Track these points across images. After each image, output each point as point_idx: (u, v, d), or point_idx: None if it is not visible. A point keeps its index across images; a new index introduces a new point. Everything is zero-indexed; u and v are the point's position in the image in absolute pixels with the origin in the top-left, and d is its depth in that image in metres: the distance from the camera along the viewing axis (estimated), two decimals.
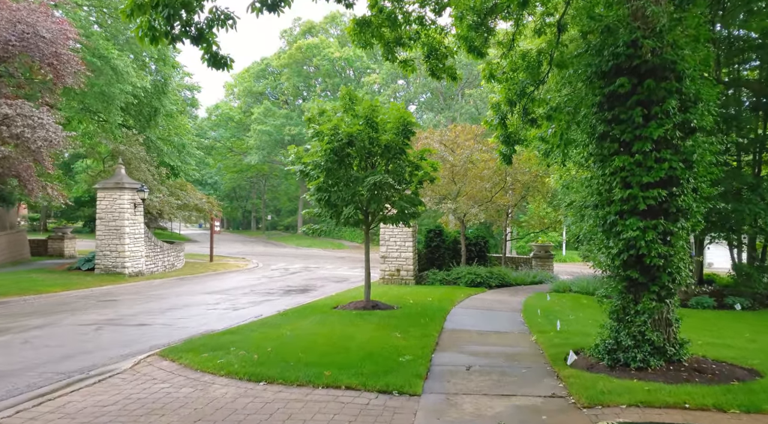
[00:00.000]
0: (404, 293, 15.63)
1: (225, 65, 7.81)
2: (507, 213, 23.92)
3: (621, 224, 6.50)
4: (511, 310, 13.08)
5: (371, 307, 12.14)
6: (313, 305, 13.25)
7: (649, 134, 6.21)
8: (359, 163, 12.25)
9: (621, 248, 6.52)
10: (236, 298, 15.52)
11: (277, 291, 17.41)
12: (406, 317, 11.04)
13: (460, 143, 21.04)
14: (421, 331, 9.44)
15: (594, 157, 6.83)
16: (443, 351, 8.22)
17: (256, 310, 12.99)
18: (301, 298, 15.69)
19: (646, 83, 6.19)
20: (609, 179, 6.61)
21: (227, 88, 63.84)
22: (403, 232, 19.01)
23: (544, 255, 24.31)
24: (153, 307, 13.45)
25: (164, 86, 24.05)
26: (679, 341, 6.73)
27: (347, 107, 12.02)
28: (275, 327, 9.67)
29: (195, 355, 7.35)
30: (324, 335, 8.78)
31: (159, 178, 24.29)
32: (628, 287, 6.78)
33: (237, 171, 59.08)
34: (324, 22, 56.73)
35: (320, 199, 11.67)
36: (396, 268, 19.14)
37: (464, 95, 44.32)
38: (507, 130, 13.35)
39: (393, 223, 12.72)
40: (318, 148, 11.58)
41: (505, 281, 19.35)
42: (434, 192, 20.91)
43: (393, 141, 11.59)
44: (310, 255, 38.04)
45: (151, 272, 22.43)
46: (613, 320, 6.94)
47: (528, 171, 20.85)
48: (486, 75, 13.07)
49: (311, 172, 11.68)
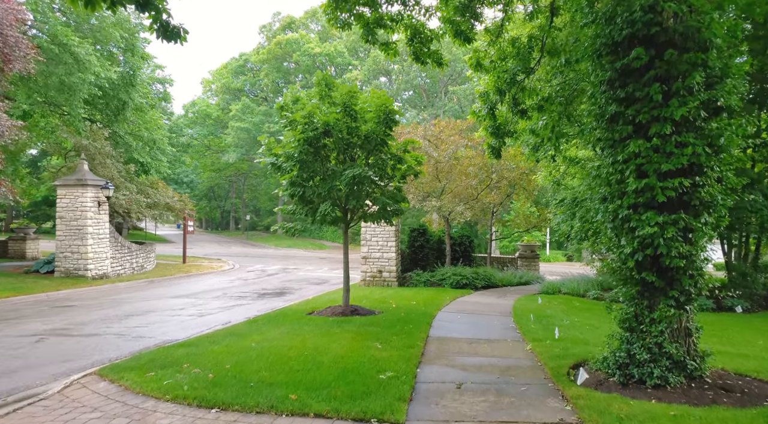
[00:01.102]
0: (387, 296, 14.65)
1: (177, 37, 6.72)
2: (492, 212, 23.13)
3: (635, 220, 5.60)
4: (501, 314, 12.20)
5: (350, 312, 11.13)
6: (287, 310, 12.19)
7: (670, 115, 5.32)
8: (337, 156, 11.23)
9: (635, 247, 5.62)
10: (205, 302, 14.37)
11: (251, 294, 16.29)
12: (388, 323, 10.05)
13: (444, 139, 20.15)
14: (404, 340, 8.46)
15: (603, 143, 5.93)
16: (430, 364, 7.26)
17: (224, 316, 11.88)
18: (276, 302, 14.61)
19: (667, 54, 5.30)
20: (621, 167, 5.71)
21: (204, 85, 62.10)
22: (386, 231, 18.04)
23: (530, 255, 23.57)
24: (110, 314, 12.24)
25: (132, 78, 22.62)
26: (700, 354, 5.87)
27: (323, 94, 11.00)
28: (241, 337, 8.60)
29: (139, 374, 6.26)
30: (294, 348, 7.75)
31: (127, 175, 22.88)
32: (641, 292, 5.89)
33: (215, 170, 57.44)
34: (304, 17, 55.44)
35: (293, 195, 10.62)
36: (378, 269, 18.16)
37: (447, 92, 43.50)
38: (496, 121, 12.49)
39: (374, 221, 11.73)
40: (291, 138, 10.53)
41: (492, 282, 18.52)
42: (418, 189, 19.99)
43: (374, 131, 10.60)
44: (290, 256, 36.87)
45: (118, 274, 21.08)
46: (624, 330, 6.06)
47: (515, 167, 20.04)
48: (473, 63, 12.15)
49: (283, 164, 10.62)
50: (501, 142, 12.54)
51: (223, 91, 58.08)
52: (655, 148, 5.46)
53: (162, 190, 25.98)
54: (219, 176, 58.57)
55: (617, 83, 5.75)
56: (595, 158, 6.37)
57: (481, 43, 12.59)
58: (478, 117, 12.49)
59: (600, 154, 6.12)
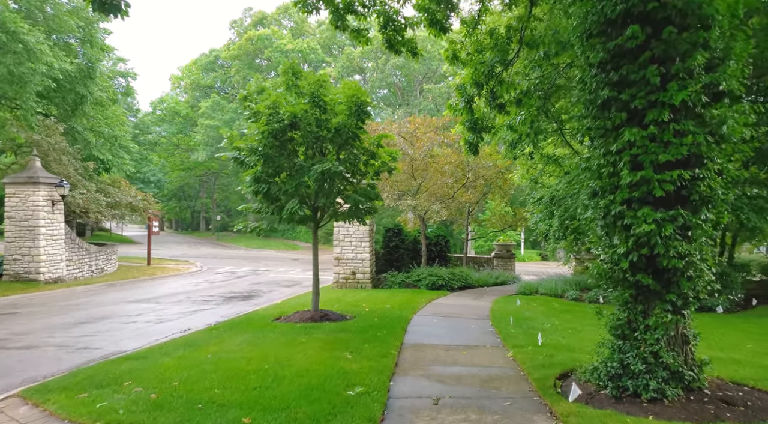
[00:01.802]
0: (360, 299, 13.97)
1: (117, 10, 5.95)
2: (468, 211, 22.69)
3: (630, 216, 5.07)
4: (478, 317, 11.65)
5: (320, 318, 10.41)
6: (253, 315, 11.40)
7: (669, 100, 4.79)
8: (306, 151, 10.51)
9: (630, 247, 5.09)
10: (166, 307, 13.44)
11: (217, 298, 15.39)
12: (360, 330, 9.38)
13: (419, 136, 19.58)
14: (376, 348, 7.79)
15: (594, 131, 5.37)
16: (404, 375, 6.62)
17: (184, 323, 11.02)
18: (243, 306, 13.78)
19: (665, 32, 4.76)
20: (614, 159, 5.17)
21: (173, 81, 60.21)
22: (360, 231, 17.37)
23: (506, 255, 23.22)
24: (58, 321, 11.24)
25: (91, 71, 21.33)
26: (698, 362, 5.37)
27: (290, 84, 10.26)
28: (196, 348, 7.81)
29: (70, 396, 5.43)
30: (254, 360, 7.00)
31: (85, 173, 21.61)
32: (635, 296, 5.37)
33: (184, 169, 55.67)
34: (276, 13, 54.22)
35: (257, 192, 9.85)
36: (351, 270, 17.47)
37: (423, 91, 43.05)
38: (473, 115, 11.95)
39: (346, 220, 11.04)
40: (255, 131, 9.76)
41: (468, 282, 18.04)
42: (393, 188, 19.37)
43: (345, 124, 9.91)
44: (261, 257, 35.84)
45: (75, 278, 19.85)
46: (616, 338, 5.52)
47: (491, 165, 19.61)
48: (449, 56, 11.59)
49: (246, 159, 9.85)
50: (478, 137, 12.02)
51: (193, 88, 56.39)
52: (652, 137, 4.93)
53: (125, 189, 24.75)
54: (189, 176, 56.84)
55: (609, 66, 5.20)
56: (574, 155, 5.81)
57: (458, 36, 12.07)
58: (455, 111, 11.95)
59: (590, 145, 5.57)
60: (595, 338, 9.03)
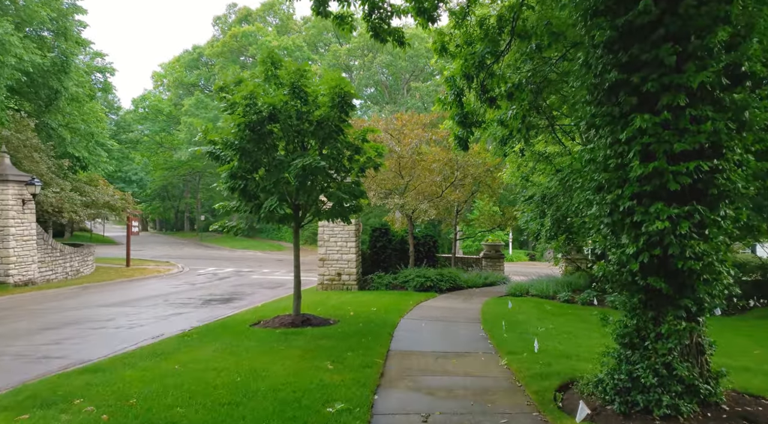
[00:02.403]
0: (345, 302, 13.37)
1: None
2: (457, 210, 22.20)
3: (641, 212, 4.55)
4: (469, 320, 11.13)
5: (301, 323, 9.80)
6: (230, 320, 10.75)
7: (685, 82, 4.29)
8: (286, 146, 9.90)
9: (640, 247, 4.57)
10: (140, 311, 12.72)
11: (196, 301, 14.69)
12: (343, 336, 8.79)
13: (407, 133, 19.02)
14: (361, 357, 7.21)
15: (600, 119, 4.85)
16: (390, 388, 6.05)
17: (157, 328, 10.34)
18: (222, 310, 13.13)
19: (682, 6, 4.25)
20: (622, 149, 4.65)
21: (156, 79, 58.93)
22: (345, 231, 16.78)
23: (495, 255, 22.79)
24: (21, 327, 10.50)
25: (65, 64, 20.45)
26: (714, 374, 4.88)
27: (269, 74, 9.65)
28: (165, 358, 7.16)
29: (9, 417, 4.77)
30: (227, 371, 6.38)
31: (59, 171, 20.72)
32: (645, 301, 4.85)
33: (167, 168, 54.45)
34: (261, 9, 53.27)
35: (234, 189, 9.22)
36: (337, 272, 16.86)
37: (410, 89, 42.54)
38: (463, 109, 11.44)
39: (329, 218, 10.45)
40: (231, 123, 9.12)
41: (457, 283, 17.53)
42: (380, 186, 18.79)
43: (327, 116, 9.31)
44: (246, 258, 35.06)
45: (47, 280, 18.98)
46: (624, 347, 5.00)
47: (480, 163, 19.12)
48: (437, 47, 11.08)
49: (222, 154, 9.21)
50: (468, 132, 11.52)
51: (176, 86, 55.22)
52: (665, 124, 4.42)
53: (102, 187, 23.85)
54: (172, 175, 55.63)
55: (617, 46, 4.68)
56: (565, 152, 5.27)
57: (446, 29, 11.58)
58: (444, 105, 11.43)
59: (594, 135, 5.04)
60: (593, 343, 8.58)
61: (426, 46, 38.74)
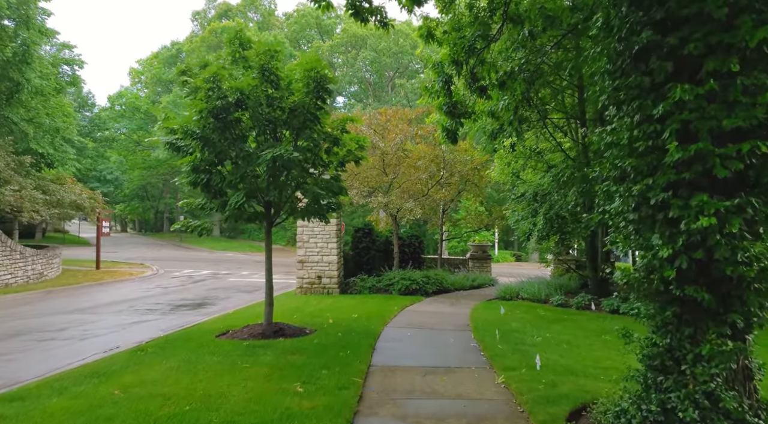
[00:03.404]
0: (324, 308, 12.39)
1: None
2: (443, 210, 21.34)
3: (678, 206, 3.67)
4: (458, 328, 10.23)
5: (272, 333, 8.80)
6: (196, 330, 9.69)
7: (739, 41, 3.41)
8: (257, 136, 8.89)
9: (678, 248, 3.69)
10: (100, 319, 11.59)
11: (164, 307, 13.57)
12: (319, 349, 7.81)
13: (391, 129, 18.09)
14: (337, 376, 6.24)
15: (624, 92, 3.96)
16: (370, 415, 5.10)
17: (113, 339, 9.24)
18: (191, 316, 12.06)
19: None
20: (654, 128, 3.76)
21: (133, 76, 57.11)
22: (326, 231, 15.78)
23: (482, 256, 21.97)
24: None
25: (26, 55, 19.12)
26: (764, 404, 4.01)
27: (237, 56, 8.64)
28: (106, 379, 6.11)
29: None
30: (176, 397, 5.36)
31: (20, 168, 19.36)
32: (680, 315, 3.97)
33: (146, 167, 52.71)
34: (242, 5, 51.88)
35: (196, 184, 8.18)
36: (317, 275, 15.85)
37: (395, 87, 41.63)
38: (452, 98, 10.55)
39: (305, 217, 9.46)
40: (193, 110, 8.08)
41: (443, 286, 16.65)
42: (363, 184, 17.82)
43: (301, 103, 8.33)
44: (224, 259, 33.83)
45: (6, 284, 17.67)
46: (653, 370, 4.12)
47: (468, 159, 18.27)
48: (423, 33, 10.20)
49: (182, 144, 8.17)
50: (457, 123, 10.64)
51: (154, 83, 53.52)
52: (711, 96, 3.55)
53: (70, 186, 22.50)
54: (151, 174, 53.85)
55: (646, 1, 3.79)
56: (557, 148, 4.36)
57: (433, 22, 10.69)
58: (431, 93, 10.52)
59: (617, 114, 4.15)
60: (597, 356, 7.72)
61: (411, 41, 37.90)
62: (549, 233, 13.16)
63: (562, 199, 11.65)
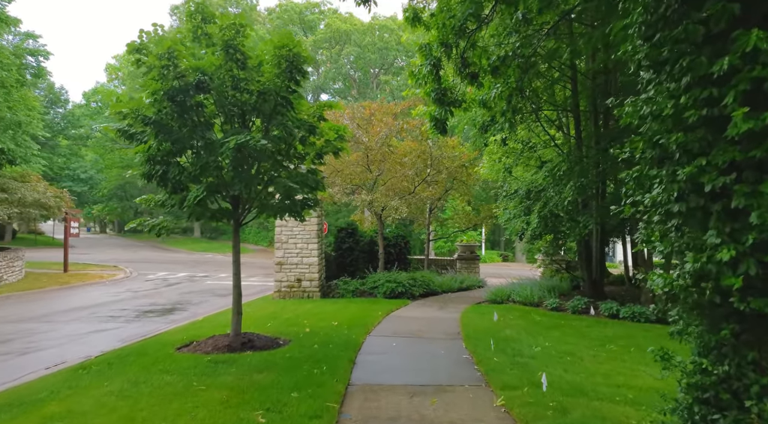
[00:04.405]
0: (302, 314, 11.41)
1: None
2: (430, 209, 20.45)
3: (743, 194, 2.80)
4: (448, 336, 9.33)
5: (240, 345, 7.80)
6: (156, 341, 8.65)
7: None
8: (223, 125, 7.89)
9: (745, 249, 2.81)
10: (55, 328, 10.48)
11: (129, 314, 12.47)
12: (291, 365, 6.83)
13: (375, 123, 17.14)
14: (308, 401, 5.28)
15: (670, 48, 3.07)
16: None
17: (61, 353, 8.17)
18: (157, 324, 11.03)
19: None
20: (709, 93, 2.89)
21: (110, 72, 55.29)
22: (306, 231, 14.79)
23: (470, 256, 21.14)
24: None
25: None
26: None
27: (199, 33, 7.63)
28: (24, 411, 5.05)
29: None
30: None
31: None
32: (739, 334, 3.10)
33: (124, 166, 50.98)
34: None
35: (150, 176, 7.15)
36: (296, 277, 14.84)
37: (380, 84, 40.69)
38: (441, 84, 9.67)
39: (277, 214, 8.48)
40: (147, 92, 7.05)
41: (431, 288, 15.77)
42: (345, 181, 16.87)
43: (272, 85, 7.36)
44: (203, 261, 32.59)
45: None
46: (702, 404, 3.23)
47: (456, 156, 17.40)
48: (409, 17, 9.35)
49: (133, 131, 7.14)
50: (447, 112, 9.76)
51: (132, 79, 51.79)
52: None
53: (33, 184, 21.16)
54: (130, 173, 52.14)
55: None
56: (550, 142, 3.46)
57: None
58: (418, 79, 9.64)
59: (655, 79, 3.26)
60: (606, 370, 6.83)
61: (396, 36, 36.99)
62: (543, 232, 12.34)
63: (558, 196, 10.82)
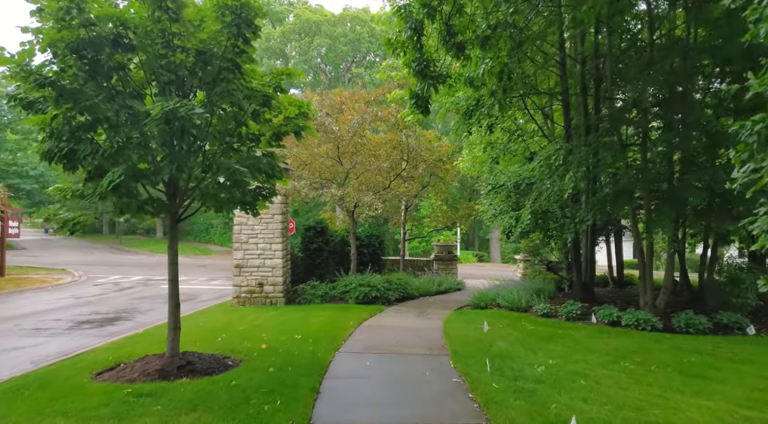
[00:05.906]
0: (260, 325, 9.85)
1: None
2: (406, 206, 19.08)
3: None
4: (432, 350, 7.92)
5: (176, 369, 6.22)
6: (71, 364, 6.98)
7: None
8: (156, 96, 6.30)
9: None
10: None
11: (61, 325, 10.69)
12: (236, 397, 5.30)
13: (347, 111, 15.67)
14: None
15: None
16: None
17: None
18: (91, 337, 9.38)
19: None
20: None
21: None
22: (269, 229, 13.21)
23: (447, 257, 19.87)
24: None
25: None
26: None
27: None
28: None
29: None
30: None
31: None
32: None
33: None
34: None
35: (51, 156, 5.51)
36: (258, 282, 13.24)
37: (352, 77, 39.13)
38: (422, 53, 8.30)
39: (222, 207, 6.91)
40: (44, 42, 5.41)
41: (408, 292, 14.38)
42: (314, 174, 15.33)
43: (214, 43, 5.82)
44: (163, 263, 30.31)
45: None
46: None
47: (435, 147, 16.06)
48: None
49: (31, 98, 5.50)
50: (429, 87, 8.37)
51: None
52: None
53: None
54: None
55: None
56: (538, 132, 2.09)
57: None
58: (395, 47, 8.25)
59: None
60: (633, 399, 5.18)
61: (369, 28, 35.54)
62: (533, 230, 11.09)
63: (554, 187, 9.56)
